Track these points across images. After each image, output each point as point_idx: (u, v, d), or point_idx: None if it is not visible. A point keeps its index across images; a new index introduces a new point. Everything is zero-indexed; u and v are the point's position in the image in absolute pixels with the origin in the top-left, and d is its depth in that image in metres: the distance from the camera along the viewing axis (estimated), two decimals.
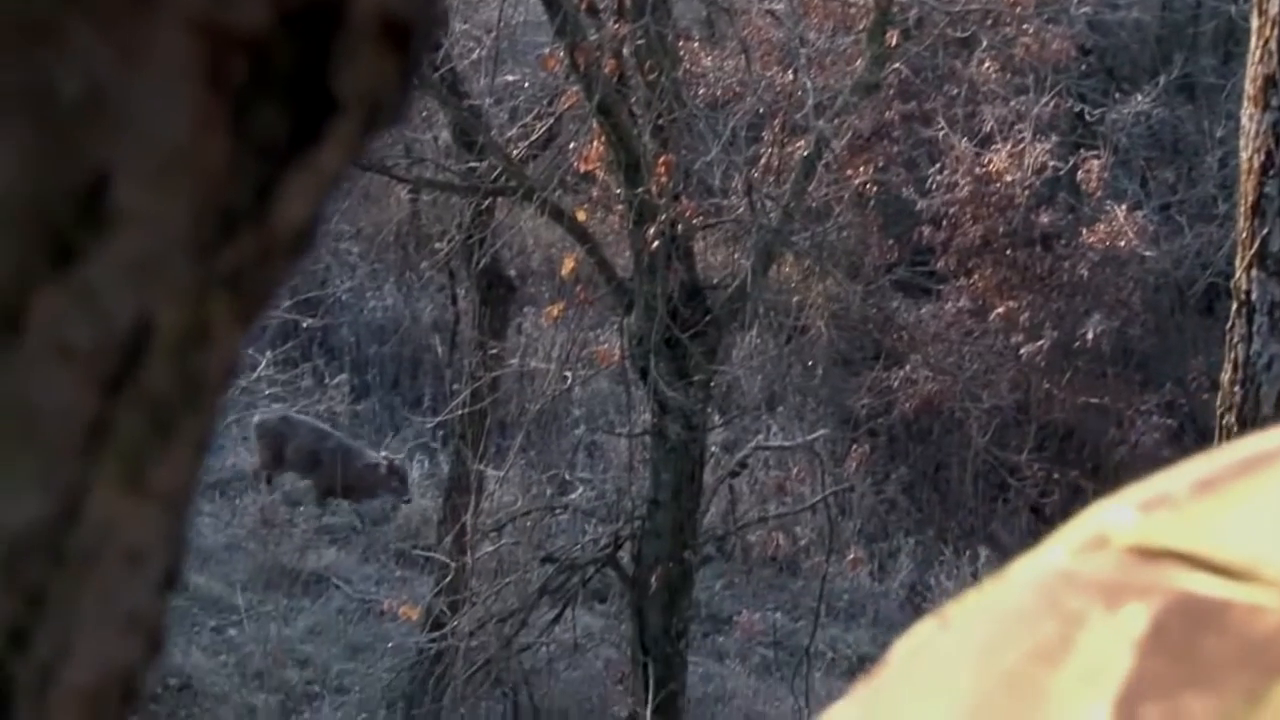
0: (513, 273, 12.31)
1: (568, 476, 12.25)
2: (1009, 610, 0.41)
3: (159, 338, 0.37)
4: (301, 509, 15.54)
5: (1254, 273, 6.43)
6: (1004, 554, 15.45)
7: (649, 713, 10.19)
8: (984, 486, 16.01)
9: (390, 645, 13.52)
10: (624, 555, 10.86)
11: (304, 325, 15.17)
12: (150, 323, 0.37)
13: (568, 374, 11.42)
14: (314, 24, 0.35)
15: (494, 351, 11.41)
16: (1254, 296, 6.41)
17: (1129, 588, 0.39)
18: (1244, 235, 6.56)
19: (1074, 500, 15.65)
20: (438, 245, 12.36)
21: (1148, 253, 15.88)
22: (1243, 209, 6.59)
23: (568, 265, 10.95)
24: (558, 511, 12.27)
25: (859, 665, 14.43)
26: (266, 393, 14.31)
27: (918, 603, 15.25)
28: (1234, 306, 6.49)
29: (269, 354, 14.66)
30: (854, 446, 13.58)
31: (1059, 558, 0.42)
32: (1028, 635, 0.40)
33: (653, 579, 10.41)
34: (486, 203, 10.75)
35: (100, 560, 0.38)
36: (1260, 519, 0.39)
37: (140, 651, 0.40)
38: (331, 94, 0.37)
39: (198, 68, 0.34)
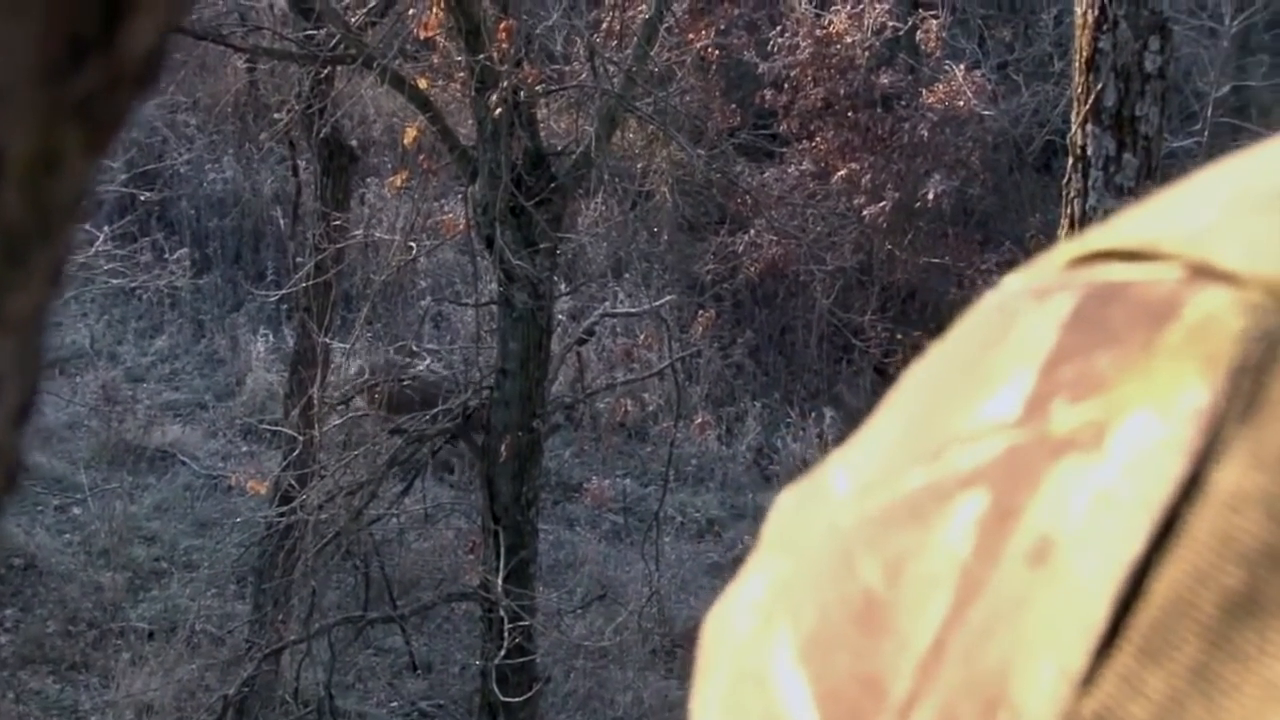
0: (354, 142, 12.16)
1: (415, 348, 12.19)
2: (963, 328, 0.48)
3: (10, 166, 0.37)
4: (145, 385, 15.37)
5: (1089, 127, 6.53)
6: (849, 415, 15.65)
7: (500, 581, 10.23)
8: (828, 348, 16.17)
9: (238, 520, 13.47)
10: (473, 425, 10.86)
11: (142, 199, 14.91)
12: (0, 151, 0.37)
13: (412, 244, 11.34)
14: None
15: (337, 223, 11.29)
16: (1089, 151, 6.50)
17: (1057, 285, 0.46)
18: (1079, 90, 6.64)
19: (916, 359, 15.84)
20: (277, 115, 12.16)
21: (986, 112, 16.02)
22: (1078, 64, 6.68)
23: (410, 134, 10.83)
24: (405, 383, 12.23)
25: (708, 528, 14.61)
26: (105, 268, 14.07)
27: (764, 465, 15.43)
28: (1070, 162, 6.59)
29: (107, 228, 14.40)
30: (700, 311, 13.64)
31: (1012, 282, 0.48)
32: (974, 336, 0.47)
33: (502, 448, 10.42)
34: (325, 71, 10.59)
35: None
36: (1163, 210, 0.46)
37: None
38: None
39: None
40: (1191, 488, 0.40)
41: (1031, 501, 0.42)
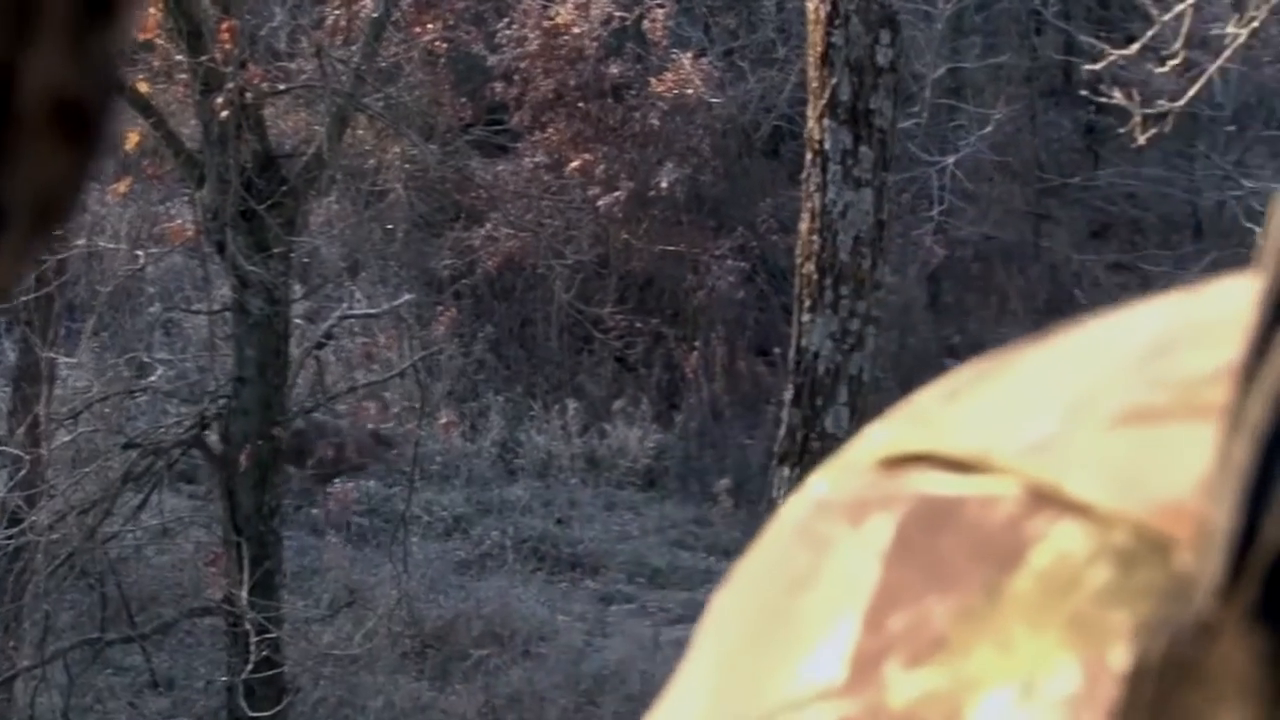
0: None
1: (146, 358, 11.88)
2: (769, 552, 0.41)
3: None
4: None
5: (826, 122, 6.57)
6: (591, 404, 15.69)
7: (245, 593, 10.06)
8: (569, 340, 16.18)
9: None
10: (211, 435, 10.64)
11: None
12: None
13: (139, 252, 11.07)
14: None
15: (57, 232, 10.94)
16: (827, 146, 6.55)
17: (873, 501, 0.39)
18: (814, 85, 6.68)
19: (656, 347, 15.98)
20: None
21: (714, 99, 16.16)
22: (811, 59, 6.72)
23: (132, 139, 10.56)
24: (137, 395, 11.92)
25: (455, 526, 14.51)
26: None
27: (509, 459, 15.38)
28: (808, 156, 6.63)
29: None
30: (440, 309, 13.54)
31: (817, 488, 0.41)
32: (783, 570, 0.40)
33: (242, 458, 10.24)
34: None
35: None
36: (989, 409, 0.39)
37: None
38: None
39: None
40: None
41: None
